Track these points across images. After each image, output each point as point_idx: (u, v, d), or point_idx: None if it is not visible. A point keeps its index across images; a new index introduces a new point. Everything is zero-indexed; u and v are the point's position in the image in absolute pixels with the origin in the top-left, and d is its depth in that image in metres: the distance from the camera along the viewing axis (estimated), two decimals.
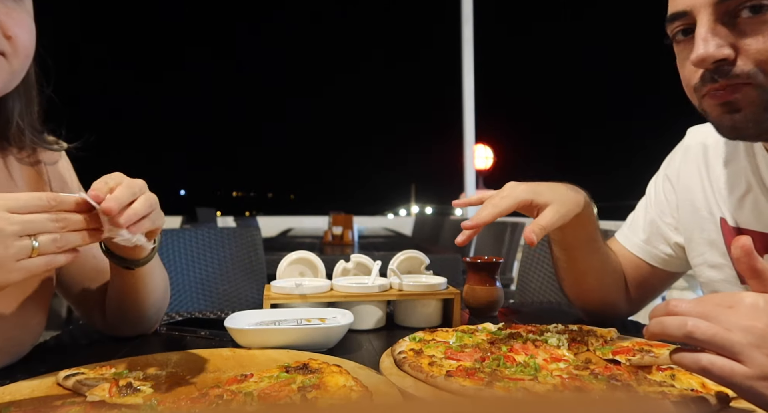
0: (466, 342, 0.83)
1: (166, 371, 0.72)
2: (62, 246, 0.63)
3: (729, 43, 0.73)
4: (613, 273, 1.07)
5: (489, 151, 7.64)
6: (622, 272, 1.10)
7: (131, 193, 0.68)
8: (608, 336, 0.86)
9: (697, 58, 0.74)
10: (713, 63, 0.74)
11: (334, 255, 3.07)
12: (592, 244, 1.01)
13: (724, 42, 0.73)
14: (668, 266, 1.09)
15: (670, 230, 1.06)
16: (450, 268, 2.77)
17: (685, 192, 1.02)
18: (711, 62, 0.74)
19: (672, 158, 1.09)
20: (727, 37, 0.73)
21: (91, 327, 1.01)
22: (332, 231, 3.94)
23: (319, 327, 0.87)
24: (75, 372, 0.68)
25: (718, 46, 0.73)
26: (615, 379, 0.66)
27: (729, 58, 0.73)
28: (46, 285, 0.87)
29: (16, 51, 0.74)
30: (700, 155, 1.01)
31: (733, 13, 0.73)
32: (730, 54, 0.73)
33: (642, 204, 1.14)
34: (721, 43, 0.73)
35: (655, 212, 1.09)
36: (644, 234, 1.10)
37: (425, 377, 0.67)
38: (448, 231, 4.96)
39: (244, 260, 2.25)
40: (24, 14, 0.75)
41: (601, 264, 1.05)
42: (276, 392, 0.60)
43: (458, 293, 1.05)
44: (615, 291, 1.09)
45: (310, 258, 1.14)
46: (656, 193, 1.10)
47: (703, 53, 0.73)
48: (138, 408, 0.59)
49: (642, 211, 1.13)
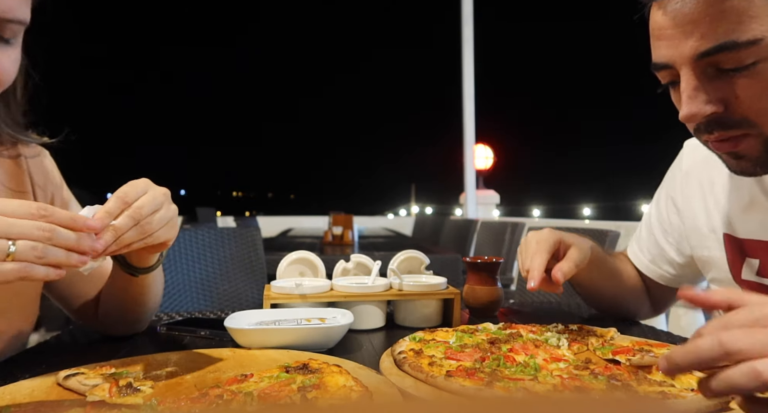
0: (466, 342, 0.83)
1: (166, 371, 0.72)
2: (42, 257, 0.59)
3: (716, 98, 0.71)
4: (628, 289, 1.12)
5: (489, 151, 7.64)
6: (639, 284, 1.14)
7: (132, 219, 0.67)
8: (608, 336, 0.86)
9: (685, 117, 0.73)
10: (703, 118, 0.73)
11: (334, 255, 3.07)
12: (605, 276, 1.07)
13: (710, 97, 0.71)
14: (674, 284, 1.11)
15: (672, 250, 1.08)
16: (450, 268, 2.77)
17: (688, 212, 1.02)
18: (700, 119, 0.73)
19: (673, 176, 1.09)
20: (714, 91, 0.71)
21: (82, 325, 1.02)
22: (332, 231, 3.95)
23: (319, 327, 0.87)
24: (75, 372, 0.68)
25: (705, 103, 0.71)
26: (615, 379, 0.66)
27: (718, 111, 0.71)
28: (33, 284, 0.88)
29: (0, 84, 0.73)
30: (702, 172, 1.01)
31: (715, 66, 0.70)
32: (718, 109, 0.71)
33: (646, 219, 1.15)
34: (708, 98, 0.71)
35: (659, 232, 1.10)
36: (650, 254, 1.12)
37: (425, 377, 0.67)
38: (448, 231, 4.96)
39: (244, 260, 2.25)
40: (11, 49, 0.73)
41: (614, 283, 1.10)
42: (276, 392, 0.60)
43: (458, 293, 1.05)
44: (634, 303, 1.13)
45: (310, 258, 1.14)
46: (659, 212, 1.11)
47: (688, 113, 0.72)
48: (138, 408, 0.59)
49: (646, 229, 1.14)
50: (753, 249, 0.89)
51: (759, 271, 0.88)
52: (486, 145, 7.56)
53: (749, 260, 0.89)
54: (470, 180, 6.44)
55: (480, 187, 7.01)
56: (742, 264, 0.90)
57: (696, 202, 1.00)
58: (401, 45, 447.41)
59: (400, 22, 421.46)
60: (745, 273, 0.90)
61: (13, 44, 0.73)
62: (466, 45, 6.06)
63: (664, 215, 1.09)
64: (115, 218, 0.67)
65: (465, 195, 6.54)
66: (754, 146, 0.73)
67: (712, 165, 0.99)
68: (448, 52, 7.90)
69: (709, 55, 0.69)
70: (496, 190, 7.14)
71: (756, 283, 0.88)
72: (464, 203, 6.65)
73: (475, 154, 6.47)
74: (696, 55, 0.69)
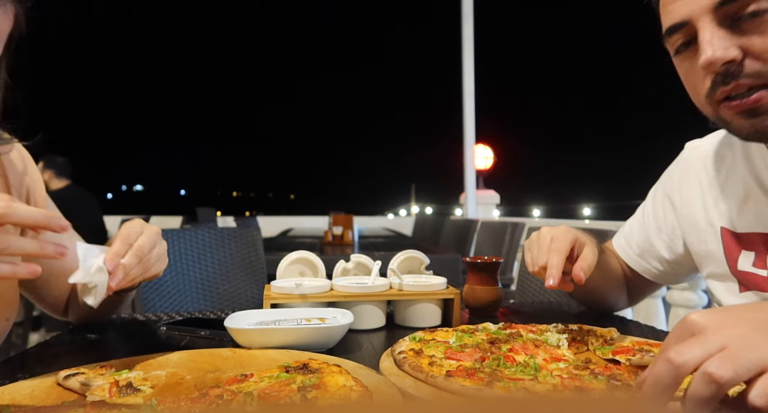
0: (466, 342, 0.83)
1: (166, 371, 0.72)
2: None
3: (735, 45, 0.73)
4: (615, 281, 1.14)
5: (489, 151, 7.63)
6: (621, 277, 1.16)
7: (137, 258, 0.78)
8: (608, 336, 0.86)
9: (705, 62, 0.73)
10: (722, 65, 0.73)
11: (334, 255, 3.07)
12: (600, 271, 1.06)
13: (730, 44, 0.72)
14: (659, 280, 1.13)
15: (663, 248, 1.09)
16: (450, 268, 2.77)
17: (686, 208, 1.03)
18: (720, 64, 0.73)
19: (671, 175, 1.09)
20: (732, 39, 0.73)
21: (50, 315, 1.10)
22: (332, 231, 3.95)
23: (319, 327, 0.87)
24: (75, 372, 0.68)
25: (725, 48, 0.72)
26: (615, 379, 0.66)
27: (737, 59, 0.73)
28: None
29: None
30: (701, 169, 1.02)
31: (734, 17, 0.72)
32: (738, 55, 0.72)
33: (639, 214, 1.16)
34: (727, 45, 0.72)
35: (652, 228, 1.11)
36: (638, 248, 1.13)
37: (425, 377, 0.67)
38: (448, 231, 4.96)
39: (244, 260, 2.25)
40: None
41: (606, 280, 1.11)
42: (276, 392, 0.60)
43: (458, 293, 1.05)
44: (615, 293, 1.15)
45: (310, 258, 1.14)
46: (654, 209, 1.12)
47: (711, 56, 0.73)
48: (138, 408, 0.59)
49: (638, 224, 1.15)
50: (749, 242, 0.91)
51: (755, 263, 0.90)
52: (486, 145, 7.56)
53: (745, 252, 0.91)
54: (470, 180, 6.43)
55: (480, 187, 7.00)
56: (738, 256, 0.92)
57: (694, 198, 1.01)
58: (402, 44, 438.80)
59: (400, 21, 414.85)
60: (741, 264, 0.92)
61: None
62: (466, 44, 6.05)
63: (659, 212, 1.10)
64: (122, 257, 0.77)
65: (465, 195, 6.54)
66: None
67: (711, 164, 1.00)
68: (448, 52, 7.90)
69: (727, 3, 0.71)
70: (496, 190, 7.14)
71: (752, 274, 0.90)
72: (464, 203, 6.65)
73: (475, 154, 6.46)
74: (716, 4, 0.72)
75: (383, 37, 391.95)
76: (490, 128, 68.31)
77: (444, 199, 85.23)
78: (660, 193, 1.11)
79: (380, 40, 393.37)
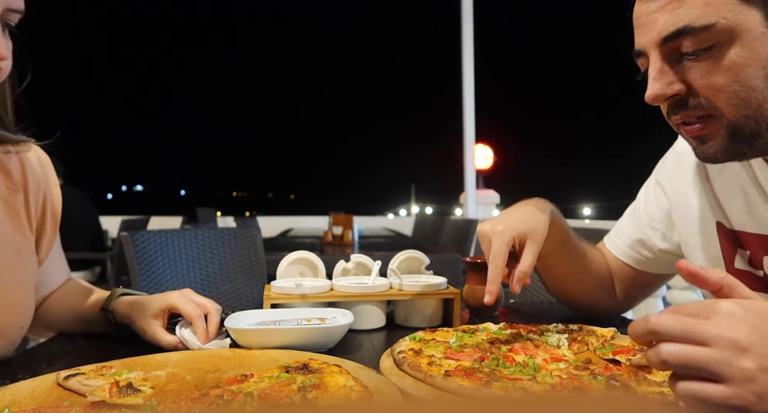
0: (466, 342, 0.83)
1: (166, 371, 0.72)
2: None
3: (679, 80, 0.76)
4: (595, 274, 1.12)
5: (489, 151, 7.62)
6: (607, 273, 1.14)
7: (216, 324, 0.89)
8: (608, 336, 0.86)
9: (648, 97, 0.78)
10: (666, 100, 0.78)
11: (334, 255, 3.07)
12: (564, 248, 1.06)
13: (673, 79, 0.77)
14: (651, 269, 1.11)
15: (656, 237, 1.08)
16: (450, 268, 2.77)
17: (679, 197, 1.02)
18: (663, 100, 0.78)
19: (664, 163, 1.09)
20: (677, 74, 0.77)
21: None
22: (332, 231, 3.94)
23: (319, 327, 0.87)
24: (75, 372, 0.68)
25: (667, 84, 0.77)
26: (614, 379, 0.66)
27: (680, 93, 0.77)
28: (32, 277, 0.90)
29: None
30: (694, 161, 1.00)
31: (679, 52, 0.76)
32: (681, 89, 0.76)
33: (631, 209, 1.15)
34: (670, 80, 0.77)
35: (644, 218, 1.10)
36: (629, 239, 1.12)
37: (424, 376, 0.67)
38: (448, 231, 4.96)
39: (245, 260, 2.25)
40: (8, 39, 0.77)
41: (580, 266, 1.10)
42: (276, 392, 0.60)
43: (458, 293, 1.05)
44: (598, 291, 1.13)
45: (310, 258, 1.14)
46: (646, 199, 1.11)
47: (654, 92, 0.77)
48: (138, 408, 0.59)
49: (629, 217, 1.14)
50: (744, 241, 0.90)
51: (750, 261, 0.90)
52: (486, 145, 7.55)
53: (741, 251, 0.91)
54: (470, 180, 6.43)
55: (480, 187, 7.00)
56: (734, 254, 0.92)
57: (689, 189, 1.00)
58: (402, 45, 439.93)
59: (400, 21, 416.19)
60: (738, 262, 0.92)
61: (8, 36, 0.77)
62: (466, 44, 6.05)
63: (651, 201, 1.09)
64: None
65: (465, 195, 6.54)
66: (718, 130, 0.77)
67: None
68: (448, 52, 7.89)
69: (671, 40, 0.75)
70: (496, 190, 7.14)
71: (747, 272, 0.90)
72: (464, 203, 6.65)
73: (475, 154, 6.46)
74: (660, 40, 0.76)
75: (383, 36, 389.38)
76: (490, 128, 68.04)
77: (444, 199, 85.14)
78: (652, 183, 1.10)
79: (380, 40, 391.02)
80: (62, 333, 1.01)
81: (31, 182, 0.93)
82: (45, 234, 0.96)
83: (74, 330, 1.00)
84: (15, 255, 0.87)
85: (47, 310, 1.01)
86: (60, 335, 1.00)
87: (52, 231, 0.98)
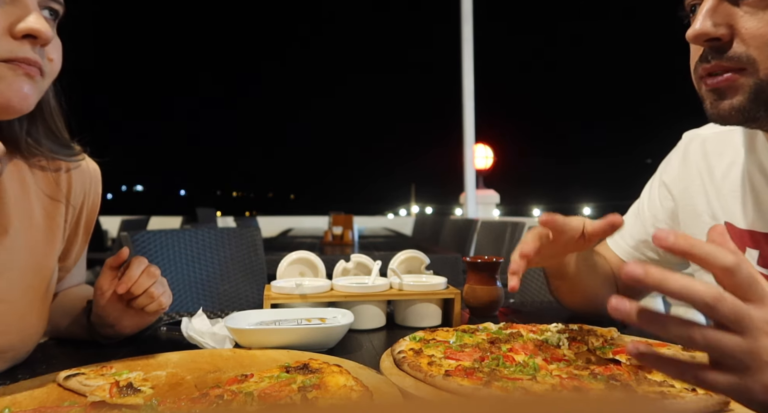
0: (466, 341, 0.83)
1: (167, 371, 0.72)
2: None
3: (727, 23, 0.72)
4: (604, 281, 1.10)
5: (489, 151, 7.63)
6: (612, 277, 1.13)
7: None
8: (608, 336, 0.86)
9: (691, 34, 0.73)
10: (707, 41, 0.73)
11: (334, 255, 3.07)
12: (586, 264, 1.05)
13: (722, 21, 0.72)
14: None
15: None
16: (450, 268, 2.77)
17: (685, 197, 1.01)
18: (704, 40, 0.73)
19: (668, 163, 1.08)
20: (727, 17, 0.72)
21: None
22: (332, 231, 3.95)
23: (319, 327, 0.87)
24: (75, 372, 0.68)
25: (714, 25, 0.72)
26: (614, 379, 0.66)
27: (723, 38, 0.72)
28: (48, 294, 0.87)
29: (51, 73, 0.75)
30: (701, 159, 1.00)
31: None
32: (725, 34, 0.72)
33: (634, 208, 1.14)
34: (718, 21, 0.72)
35: (649, 218, 1.09)
36: (633, 240, 1.11)
37: (424, 376, 0.67)
38: (448, 230, 4.96)
39: (245, 260, 2.25)
40: (57, 38, 0.77)
41: (593, 277, 1.08)
42: (276, 392, 0.60)
43: (458, 293, 1.05)
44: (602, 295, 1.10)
45: (310, 258, 1.14)
46: (650, 199, 1.10)
47: (698, 29, 0.72)
48: (138, 408, 0.59)
49: (633, 217, 1.13)
50: (753, 240, 0.89)
51: (759, 262, 0.89)
52: (486, 144, 7.55)
53: (750, 250, 0.90)
54: (470, 179, 6.43)
55: (480, 187, 7.00)
56: (744, 254, 0.91)
57: (695, 189, 0.99)
58: (402, 45, 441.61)
59: (400, 22, 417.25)
60: None
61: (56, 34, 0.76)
62: (465, 44, 6.05)
63: (656, 201, 1.08)
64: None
65: (465, 195, 6.54)
66: (743, 86, 0.73)
67: (711, 155, 0.98)
68: (448, 52, 7.89)
69: None
70: (496, 190, 7.14)
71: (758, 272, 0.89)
72: (464, 203, 6.65)
73: (475, 154, 6.46)
74: None
75: (383, 37, 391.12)
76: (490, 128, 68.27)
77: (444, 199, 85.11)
78: (657, 182, 1.09)
79: (380, 41, 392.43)
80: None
81: (75, 192, 0.92)
82: (76, 243, 0.95)
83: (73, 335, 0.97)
84: (36, 278, 0.84)
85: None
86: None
87: (83, 240, 0.96)
